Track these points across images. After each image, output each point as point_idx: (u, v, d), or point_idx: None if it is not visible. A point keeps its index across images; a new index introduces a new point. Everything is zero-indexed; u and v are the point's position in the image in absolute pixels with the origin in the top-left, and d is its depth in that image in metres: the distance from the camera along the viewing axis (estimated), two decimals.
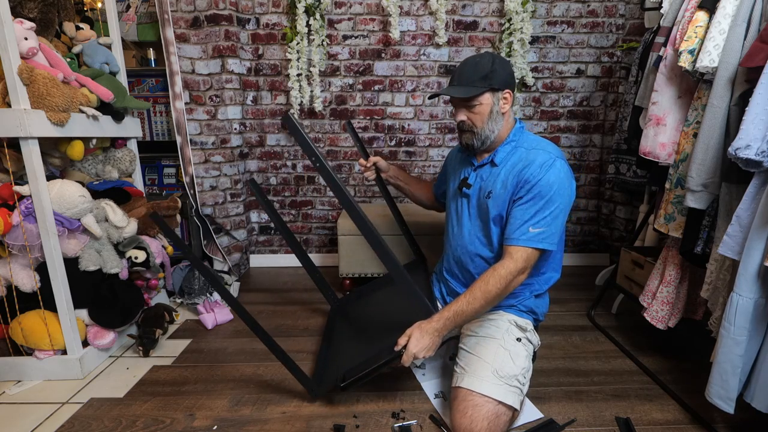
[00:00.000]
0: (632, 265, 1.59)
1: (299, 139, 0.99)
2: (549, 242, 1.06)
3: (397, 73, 2.23)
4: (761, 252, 0.90)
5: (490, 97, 1.12)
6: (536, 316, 1.25)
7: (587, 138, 2.33)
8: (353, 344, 1.36)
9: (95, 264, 1.35)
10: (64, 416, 1.16)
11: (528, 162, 1.10)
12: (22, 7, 1.34)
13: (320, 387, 1.21)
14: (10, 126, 1.14)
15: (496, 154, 1.18)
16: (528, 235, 1.05)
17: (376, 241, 1.03)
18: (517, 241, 1.06)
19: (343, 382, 1.11)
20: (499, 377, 1.05)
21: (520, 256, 1.05)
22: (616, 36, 2.20)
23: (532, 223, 1.05)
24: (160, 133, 2.13)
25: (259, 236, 2.46)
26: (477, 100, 1.11)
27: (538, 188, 1.06)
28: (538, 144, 1.15)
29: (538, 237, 1.05)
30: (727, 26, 1.05)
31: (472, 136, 1.16)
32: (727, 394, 0.97)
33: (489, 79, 1.10)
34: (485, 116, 1.13)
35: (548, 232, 1.05)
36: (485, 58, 1.12)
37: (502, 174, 1.15)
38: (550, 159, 1.08)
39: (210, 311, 1.72)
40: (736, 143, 0.89)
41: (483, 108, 1.12)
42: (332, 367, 1.28)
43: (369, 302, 1.63)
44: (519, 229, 1.06)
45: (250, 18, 2.14)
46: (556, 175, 1.06)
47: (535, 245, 1.05)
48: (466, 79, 1.12)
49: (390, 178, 1.54)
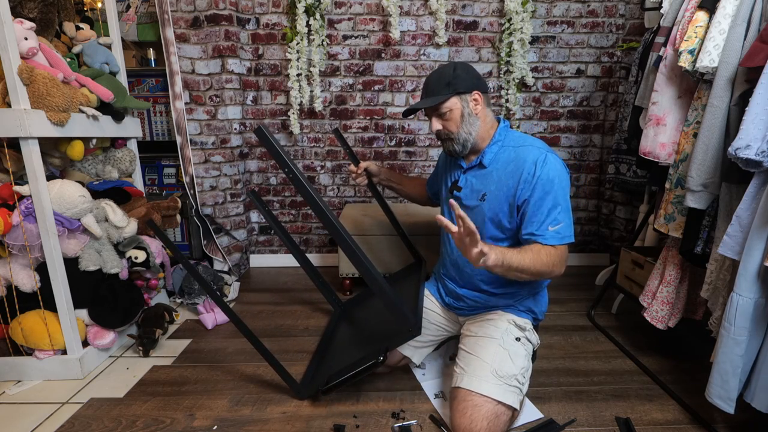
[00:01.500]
0: (632, 265, 1.59)
1: (272, 152, 0.99)
2: (569, 235, 1.07)
3: (397, 73, 2.23)
4: (761, 252, 0.90)
5: (458, 101, 1.14)
6: (535, 315, 1.25)
7: (587, 138, 2.33)
8: (348, 348, 1.37)
9: (95, 264, 1.35)
10: (64, 416, 1.16)
11: (520, 161, 1.11)
12: (22, 7, 1.34)
13: (305, 388, 1.23)
14: (10, 126, 1.14)
15: (483, 156, 1.19)
16: (549, 234, 1.06)
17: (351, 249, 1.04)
18: (542, 239, 1.05)
19: (325, 385, 1.14)
20: (499, 377, 1.05)
21: (554, 252, 1.05)
22: (616, 36, 2.20)
23: (549, 222, 1.06)
24: (160, 133, 2.13)
25: (259, 236, 2.46)
26: (445, 106, 1.14)
27: (541, 186, 1.06)
28: (524, 141, 1.16)
29: (560, 234, 1.06)
30: (727, 26, 1.05)
31: (452, 142, 1.18)
32: (727, 394, 0.97)
33: (453, 85, 1.13)
34: (458, 121, 1.16)
35: (565, 225, 1.06)
36: (447, 68, 1.16)
37: (495, 174, 1.15)
38: (542, 155, 1.09)
39: (210, 311, 1.72)
40: (736, 143, 0.89)
41: (454, 113, 1.15)
42: (323, 370, 1.30)
43: (371, 306, 1.62)
44: (539, 229, 1.06)
45: (250, 18, 2.14)
46: (553, 168, 1.07)
47: (558, 242, 1.06)
48: (431, 90, 1.16)
49: (383, 181, 1.56)
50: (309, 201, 1.01)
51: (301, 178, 1.00)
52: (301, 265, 1.63)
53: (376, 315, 1.50)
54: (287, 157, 1.01)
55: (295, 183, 1.01)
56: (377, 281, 1.05)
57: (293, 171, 0.99)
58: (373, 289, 1.07)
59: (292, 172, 0.99)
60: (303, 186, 1.00)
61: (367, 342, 1.31)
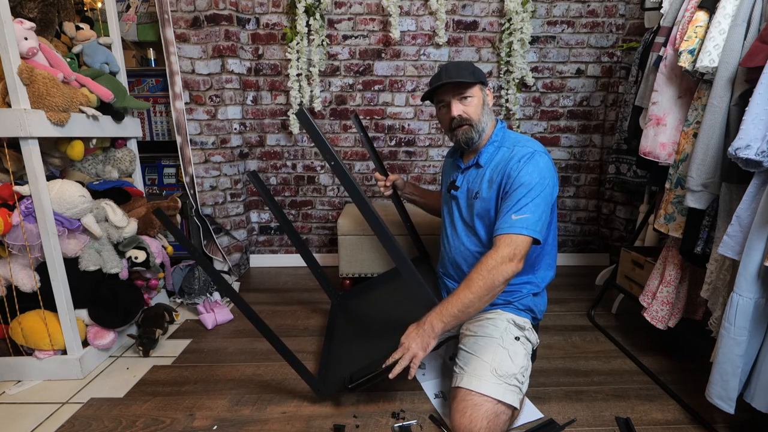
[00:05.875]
0: (632, 265, 1.58)
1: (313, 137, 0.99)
2: (533, 229, 1.04)
3: (397, 73, 2.23)
4: (761, 252, 0.90)
5: (479, 91, 1.19)
6: (534, 314, 1.25)
7: (587, 138, 2.33)
8: (357, 344, 1.36)
9: (95, 264, 1.35)
10: (64, 416, 1.16)
11: (509, 158, 1.13)
12: (22, 7, 1.34)
13: (326, 387, 1.21)
14: (10, 126, 1.14)
15: (480, 156, 1.22)
16: (510, 222, 1.04)
17: (387, 236, 1.04)
18: (500, 230, 1.06)
19: (351, 383, 1.10)
20: (498, 376, 1.05)
21: (504, 242, 1.04)
22: (616, 36, 2.20)
23: (513, 210, 1.06)
24: (160, 133, 2.13)
25: (259, 236, 2.46)
26: (471, 91, 1.17)
27: (519, 179, 1.08)
28: (519, 141, 1.18)
29: (522, 224, 1.03)
30: (727, 26, 1.05)
31: (471, 129, 1.19)
32: (727, 394, 0.97)
33: (477, 75, 1.17)
34: (479, 108, 1.19)
35: (531, 219, 1.04)
36: (466, 61, 1.21)
37: (487, 174, 1.18)
38: (529, 152, 1.11)
39: (210, 311, 1.72)
40: (736, 143, 0.89)
41: (476, 100, 1.18)
42: (336, 367, 1.27)
43: (370, 299, 1.63)
44: (502, 218, 1.07)
45: (250, 18, 2.14)
46: (535, 165, 1.08)
47: (518, 231, 1.03)
48: (456, 74, 1.16)
49: (406, 195, 1.60)
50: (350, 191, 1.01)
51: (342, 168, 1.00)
52: (298, 249, 1.64)
53: (382, 309, 1.51)
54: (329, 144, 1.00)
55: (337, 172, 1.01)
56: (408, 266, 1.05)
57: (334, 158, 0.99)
58: (403, 273, 1.06)
59: (334, 159, 0.98)
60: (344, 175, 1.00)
61: (379, 336, 1.30)
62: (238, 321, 1.75)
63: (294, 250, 2.46)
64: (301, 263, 2.45)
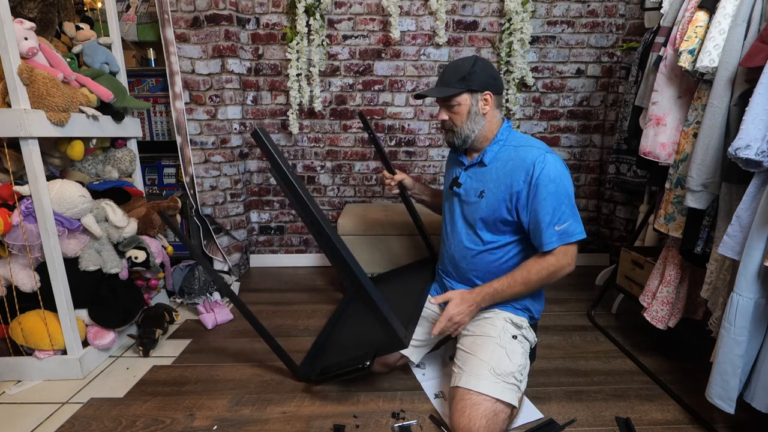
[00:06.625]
0: (632, 265, 1.58)
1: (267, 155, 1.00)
2: (579, 232, 1.09)
3: (397, 73, 2.23)
4: (761, 252, 0.90)
5: (468, 98, 1.17)
6: (531, 313, 1.25)
7: (587, 138, 2.33)
8: (350, 336, 1.40)
9: (95, 264, 1.35)
10: (64, 416, 1.16)
11: (519, 160, 1.13)
12: (22, 7, 1.34)
13: (302, 369, 1.29)
14: (10, 126, 1.14)
15: (485, 154, 1.21)
16: (557, 234, 1.07)
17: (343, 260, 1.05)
18: (551, 244, 1.08)
19: (319, 375, 1.21)
20: (496, 375, 1.06)
21: (560, 251, 1.08)
22: (616, 36, 2.19)
23: (554, 222, 1.07)
24: (160, 133, 2.13)
25: (259, 236, 2.46)
26: (455, 100, 1.17)
27: (543, 187, 1.07)
28: (525, 141, 1.18)
29: (567, 233, 1.07)
30: (727, 26, 1.05)
31: (453, 134, 1.22)
32: (727, 394, 0.97)
33: (467, 81, 1.14)
34: (464, 116, 1.18)
35: (573, 224, 1.08)
36: (467, 61, 1.17)
37: (494, 173, 1.18)
38: (541, 155, 1.10)
39: (210, 311, 1.72)
40: (736, 143, 0.89)
41: (462, 108, 1.17)
42: (322, 355, 1.35)
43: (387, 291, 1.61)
44: (547, 232, 1.08)
45: (250, 18, 2.14)
46: (553, 167, 1.08)
47: (569, 241, 1.08)
48: (446, 80, 1.18)
49: (415, 195, 1.60)
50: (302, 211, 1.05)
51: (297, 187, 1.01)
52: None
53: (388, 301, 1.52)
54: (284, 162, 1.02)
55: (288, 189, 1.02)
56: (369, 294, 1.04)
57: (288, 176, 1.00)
58: (364, 302, 1.07)
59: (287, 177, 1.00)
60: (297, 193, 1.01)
61: (366, 336, 1.31)
62: (237, 321, 1.75)
63: (294, 250, 2.47)
64: (301, 263, 2.45)
